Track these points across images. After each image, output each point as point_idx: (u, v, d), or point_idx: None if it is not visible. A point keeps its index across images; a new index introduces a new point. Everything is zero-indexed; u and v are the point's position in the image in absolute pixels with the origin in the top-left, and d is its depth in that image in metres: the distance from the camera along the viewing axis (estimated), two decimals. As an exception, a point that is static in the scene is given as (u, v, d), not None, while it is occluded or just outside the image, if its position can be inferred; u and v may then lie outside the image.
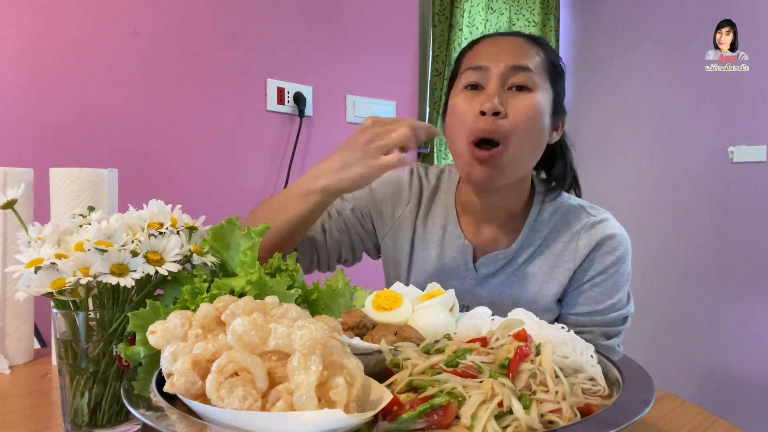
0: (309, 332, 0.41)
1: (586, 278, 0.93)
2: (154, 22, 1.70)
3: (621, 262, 0.93)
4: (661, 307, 2.57)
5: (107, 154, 1.61)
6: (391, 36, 2.27)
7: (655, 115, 2.62)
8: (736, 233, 2.37)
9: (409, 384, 0.49)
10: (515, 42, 0.91)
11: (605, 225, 0.94)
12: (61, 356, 0.57)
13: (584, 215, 0.96)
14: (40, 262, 0.54)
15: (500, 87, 0.87)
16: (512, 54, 0.88)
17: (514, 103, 0.86)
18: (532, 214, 0.96)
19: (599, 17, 2.85)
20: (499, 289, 0.97)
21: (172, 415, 0.43)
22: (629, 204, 2.64)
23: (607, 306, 0.93)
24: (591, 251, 0.93)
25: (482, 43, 0.94)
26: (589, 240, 0.93)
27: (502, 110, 0.85)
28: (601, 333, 0.93)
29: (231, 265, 0.64)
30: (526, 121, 0.86)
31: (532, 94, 0.87)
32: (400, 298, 0.68)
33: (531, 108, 0.86)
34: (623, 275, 0.94)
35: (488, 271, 0.97)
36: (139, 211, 0.62)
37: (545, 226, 0.96)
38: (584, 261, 0.93)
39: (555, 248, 0.95)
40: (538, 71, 0.89)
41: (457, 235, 0.99)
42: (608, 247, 0.93)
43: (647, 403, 0.47)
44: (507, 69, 0.87)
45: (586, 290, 0.94)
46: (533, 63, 0.88)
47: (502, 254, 0.96)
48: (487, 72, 0.88)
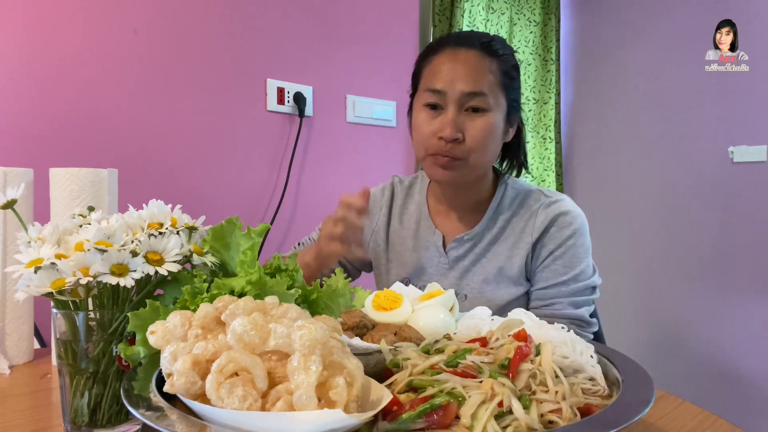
0: (309, 332, 0.41)
1: (546, 253, 1.02)
2: (154, 22, 1.70)
3: (577, 235, 1.02)
4: (661, 307, 2.57)
5: (107, 154, 1.61)
6: (391, 36, 2.27)
7: (655, 115, 2.62)
8: (736, 233, 2.37)
9: (409, 384, 0.49)
10: (470, 60, 0.98)
11: (560, 204, 1.04)
12: (61, 356, 0.57)
13: (542, 197, 1.07)
14: (40, 262, 0.54)
15: (457, 111, 0.97)
16: (467, 78, 0.97)
17: (471, 125, 0.97)
18: (495, 198, 1.08)
19: (600, 17, 2.84)
20: (468, 269, 1.06)
21: (172, 415, 0.43)
22: (629, 204, 2.64)
23: (570, 277, 1.01)
24: (547, 226, 1.02)
25: (440, 59, 1.01)
26: (545, 216, 1.03)
27: (459, 136, 0.96)
28: (569, 303, 1.00)
29: (231, 265, 0.64)
30: (482, 141, 0.97)
31: (487, 115, 0.98)
32: (400, 298, 0.68)
33: (486, 129, 0.97)
34: (581, 247, 1.02)
35: (457, 254, 1.07)
36: (139, 211, 0.62)
37: (507, 209, 1.07)
38: (542, 235, 1.03)
39: (516, 227, 1.05)
40: (492, 91, 0.98)
41: (429, 226, 1.11)
42: (563, 222, 1.02)
43: (647, 403, 0.47)
44: (462, 95, 0.96)
45: (549, 264, 1.02)
46: (488, 84, 0.98)
47: (468, 235, 1.07)
48: (445, 96, 0.97)
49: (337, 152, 2.08)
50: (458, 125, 0.96)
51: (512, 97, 1.03)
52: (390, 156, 2.24)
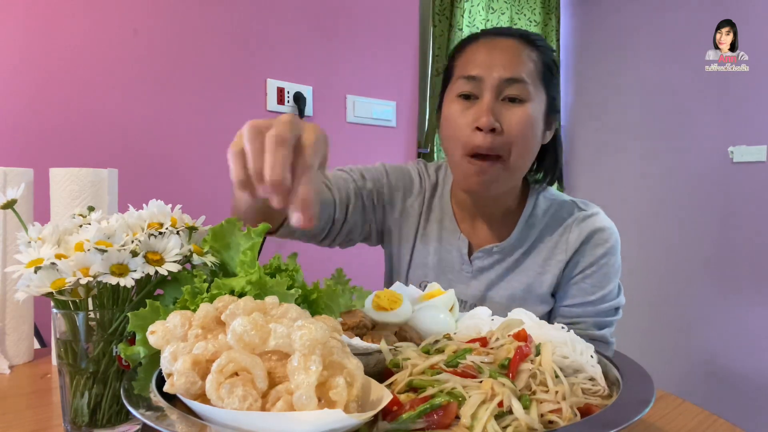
0: (309, 332, 0.41)
1: (578, 270, 0.96)
2: (154, 22, 1.70)
3: (610, 254, 0.96)
4: (661, 307, 2.57)
5: (107, 154, 1.61)
6: (391, 36, 2.27)
7: (655, 115, 2.62)
8: (736, 233, 2.37)
9: (409, 384, 0.49)
10: (509, 48, 0.90)
11: (595, 219, 0.97)
12: (61, 356, 0.57)
13: (576, 210, 0.99)
14: (40, 262, 0.54)
15: (494, 99, 0.87)
16: (506, 64, 0.87)
17: (509, 116, 0.87)
18: (527, 209, 0.99)
19: (600, 17, 2.84)
20: (494, 282, 0.99)
21: (172, 415, 0.43)
22: (629, 204, 2.64)
23: (598, 297, 0.95)
24: (581, 244, 0.95)
25: (476, 47, 0.92)
26: (579, 233, 0.96)
27: (497, 126, 0.86)
28: (593, 323, 0.95)
29: (231, 265, 0.64)
30: (522, 134, 0.87)
31: (526, 105, 0.88)
32: (400, 298, 0.68)
33: (525, 121, 0.87)
34: (613, 267, 0.96)
35: (483, 265, 0.99)
36: (139, 211, 0.62)
37: (539, 222, 0.99)
38: (575, 253, 0.96)
39: (548, 242, 0.98)
40: (532, 79, 0.89)
41: (453, 230, 1.02)
42: (598, 240, 0.95)
43: (647, 403, 0.47)
44: (501, 81, 0.87)
45: (578, 282, 0.96)
46: (527, 71, 0.88)
47: (497, 248, 0.98)
48: (481, 82, 0.88)
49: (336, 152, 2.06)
50: (495, 113, 0.86)
51: (552, 94, 0.93)
52: (390, 156, 2.24)
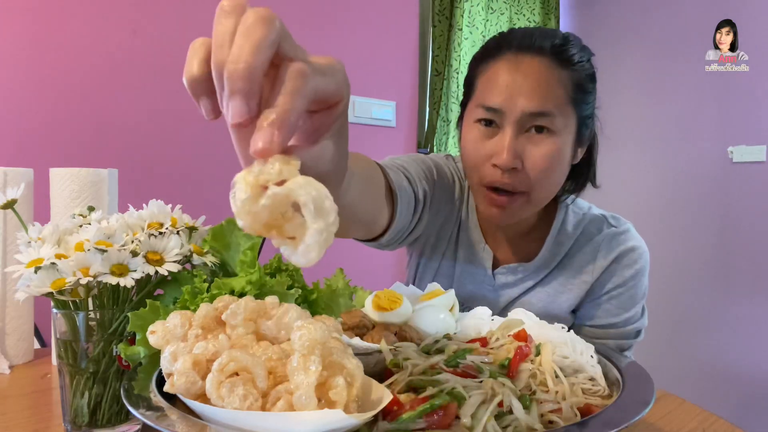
0: (309, 332, 0.41)
1: (604, 291, 0.91)
2: (153, 22, 1.70)
3: (640, 275, 0.91)
4: (661, 307, 2.57)
5: (107, 154, 1.61)
6: (391, 36, 2.27)
7: (654, 115, 2.62)
8: (736, 233, 2.37)
9: (409, 384, 0.49)
10: (536, 71, 0.79)
11: (626, 237, 0.92)
12: (61, 356, 0.57)
13: (605, 226, 0.93)
14: (40, 262, 0.54)
15: (516, 132, 0.79)
16: (531, 93, 0.78)
17: (533, 151, 0.79)
18: (555, 226, 0.92)
19: (599, 17, 2.84)
20: (513, 302, 0.95)
21: (172, 415, 0.43)
22: (629, 204, 2.64)
23: (623, 319, 0.91)
24: (611, 264, 0.90)
25: (499, 66, 0.82)
26: (608, 252, 0.90)
27: (518, 165, 0.78)
28: (615, 345, 0.91)
29: (231, 265, 0.64)
30: (546, 171, 0.80)
31: (553, 138, 0.79)
32: (400, 298, 0.68)
33: (551, 156, 0.79)
34: (640, 289, 0.92)
35: (506, 281, 0.95)
36: (139, 211, 0.62)
37: (569, 239, 0.93)
38: (603, 273, 0.91)
39: (576, 261, 0.92)
40: (561, 109, 0.79)
41: (479, 240, 0.96)
42: (628, 260, 0.90)
43: (647, 403, 0.47)
44: (524, 115, 0.78)
45: (603, 303, 0.91)
46: (555, 102, 0.79)
47: (523, 267, 0.93)
48: (502, 115, 0.79)
49: (337, 152, 2.07)
50: (517, 151, 0.78)
51: (584, 114, 0.84)
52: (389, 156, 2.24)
